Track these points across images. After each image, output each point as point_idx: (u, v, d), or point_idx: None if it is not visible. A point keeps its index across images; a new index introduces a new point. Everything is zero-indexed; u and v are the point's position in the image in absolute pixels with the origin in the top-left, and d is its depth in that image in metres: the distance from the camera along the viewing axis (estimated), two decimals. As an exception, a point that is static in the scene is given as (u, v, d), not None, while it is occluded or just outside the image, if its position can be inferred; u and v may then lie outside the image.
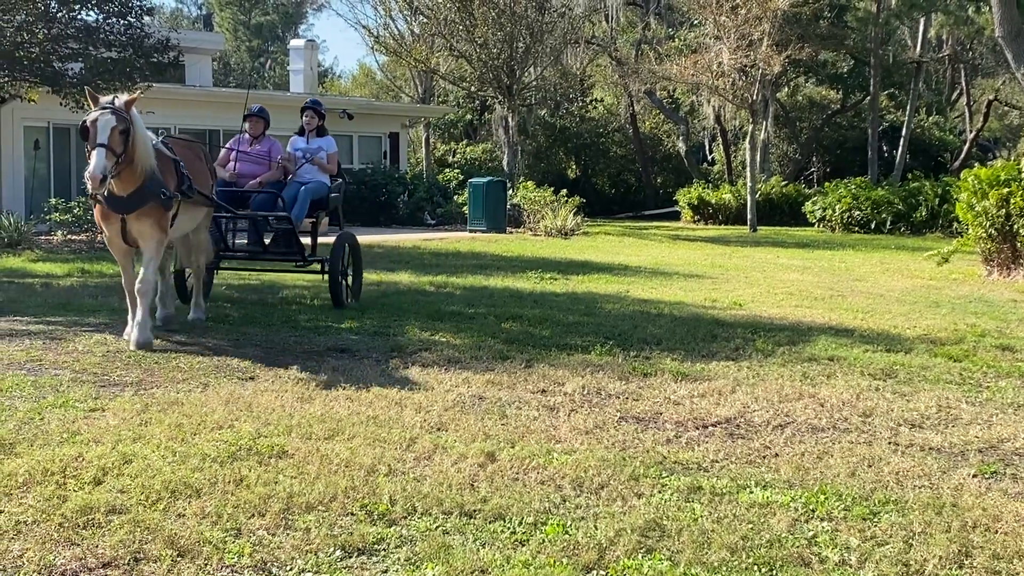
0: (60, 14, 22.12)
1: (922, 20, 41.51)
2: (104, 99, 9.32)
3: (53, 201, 23.01)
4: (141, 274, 9.53)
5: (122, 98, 9.38)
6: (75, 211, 21.99)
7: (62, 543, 4.59)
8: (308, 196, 11.84)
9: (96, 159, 8.79)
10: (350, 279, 12.41)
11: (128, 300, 9.65)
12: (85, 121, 9.10)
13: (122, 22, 22.64)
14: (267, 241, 12.14)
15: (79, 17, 22.57)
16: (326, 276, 12.11)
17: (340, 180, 12.88)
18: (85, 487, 5.27)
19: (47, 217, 22.65)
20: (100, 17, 22.70)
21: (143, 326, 9.35)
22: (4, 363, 8.53)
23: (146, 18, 23.51)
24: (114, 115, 9.00)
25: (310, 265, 12.17)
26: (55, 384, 7.72)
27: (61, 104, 20.63)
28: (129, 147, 9.06)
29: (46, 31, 21.32)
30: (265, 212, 11.67)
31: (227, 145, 12.58)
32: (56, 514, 4.89)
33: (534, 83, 37.80)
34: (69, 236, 21.84)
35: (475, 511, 5.09)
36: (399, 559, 4.52)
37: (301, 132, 12.51)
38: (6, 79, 21.80)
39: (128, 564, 4.40)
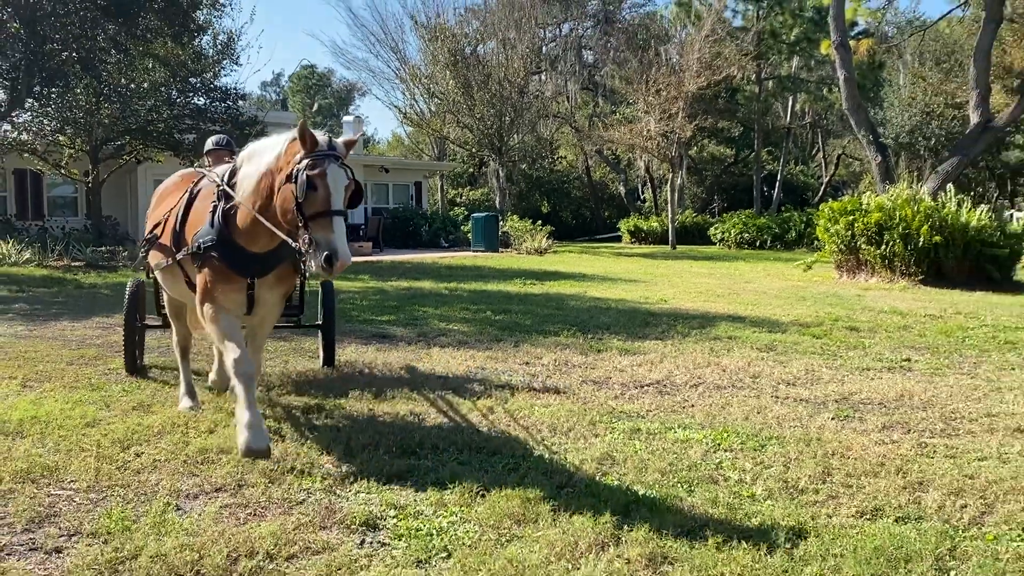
0: (179, 100, 22.31)
1: (791, 98, 41.90)
2: (320, 136, 4.54)
3: None
4: (247, 354, 4.95)
5: (339, 141, 4.62)
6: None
7: (186, 474, 4.59)
8: None
9: (341, 234, 4.39)
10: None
11: (241, 388, 4.76)
12: (310, 171, 4.38)
13: (223, 105, 22.78)
14: None
15: (192, 102, 22.71)
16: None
17: None
18: (202, 435, 5.26)
19: None
20: (207, 102, 22.85)
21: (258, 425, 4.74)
22: (142, 348, 8.48)
23: (240, 102, 23.59)
24: (343, 169, 4.51)
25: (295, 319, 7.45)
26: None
27: (180, 164, 20.63)
28: None
29: (168, 112, 21.44)
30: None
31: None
32: (181, 454, 4.88)
33: (517, 145, 37.84)
34: None
35: (480, 448, 5.09)
36: (428, 481, 4.52)
37: None
38: (140, 146, 22.01)
39: (234, 488, 4.40)
